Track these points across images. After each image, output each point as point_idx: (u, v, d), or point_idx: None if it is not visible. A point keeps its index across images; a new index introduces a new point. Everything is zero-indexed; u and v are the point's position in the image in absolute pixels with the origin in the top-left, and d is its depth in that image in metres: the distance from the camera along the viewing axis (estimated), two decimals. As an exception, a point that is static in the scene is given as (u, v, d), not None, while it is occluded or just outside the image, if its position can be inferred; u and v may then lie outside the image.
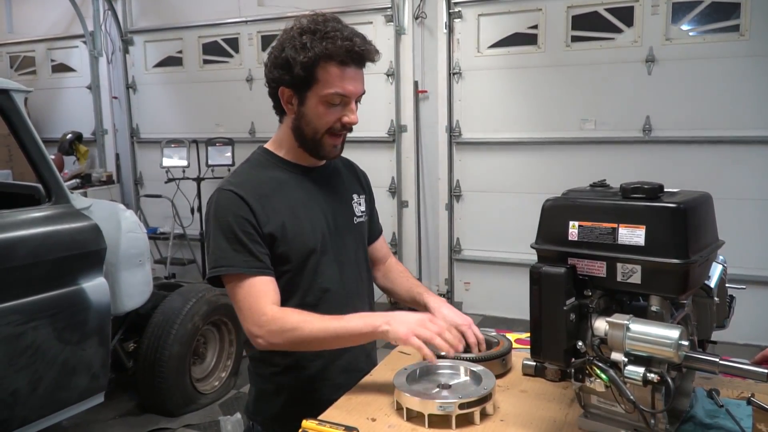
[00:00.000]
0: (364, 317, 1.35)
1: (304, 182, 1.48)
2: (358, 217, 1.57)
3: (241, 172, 1.46)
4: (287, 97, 1.40)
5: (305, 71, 1.33)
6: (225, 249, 1.35)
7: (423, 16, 5.02)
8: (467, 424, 1.21)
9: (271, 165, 1.47)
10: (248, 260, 1.35)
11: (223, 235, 1.35)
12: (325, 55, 1.32)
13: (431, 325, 1.28)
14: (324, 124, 1.39)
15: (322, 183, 1.51)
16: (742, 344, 3.73)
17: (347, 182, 1.59)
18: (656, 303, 1.08)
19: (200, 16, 5.89)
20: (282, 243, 1.39)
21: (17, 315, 2.41)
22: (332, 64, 1.34)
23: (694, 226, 1.05)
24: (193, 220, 5.51)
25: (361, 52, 1.35)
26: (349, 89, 1.36)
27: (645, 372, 1.03)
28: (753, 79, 4.14)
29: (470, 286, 5.21)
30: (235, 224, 1.35)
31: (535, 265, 1.12)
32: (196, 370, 3.51)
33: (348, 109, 1.39)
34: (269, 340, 1.33)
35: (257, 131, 5.76)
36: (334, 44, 1.32)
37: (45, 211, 2.64)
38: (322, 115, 1.38)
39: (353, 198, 1.58)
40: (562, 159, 4.70)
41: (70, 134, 6.02)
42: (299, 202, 1.44)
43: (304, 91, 1.37)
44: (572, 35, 4.61)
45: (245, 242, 1.35)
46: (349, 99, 1.38)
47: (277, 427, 1.48)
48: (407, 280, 1.67)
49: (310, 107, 1.38)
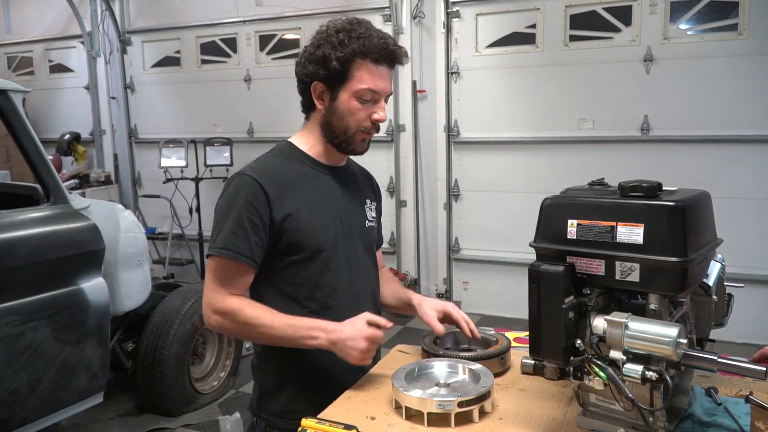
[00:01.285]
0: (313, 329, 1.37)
1: (323, 180, 1.50)
2: (370, 222, 1.60)
3: (264, 160, 1.49)
4: (319, 92, 1.44)
5: (341, 66, 1.38)
6: (226, 231, 1.38)
7: (421, 16, 5.02)
8: (466, 422, 1.21)
9: (294, 158, 1.50)
10: (242, 248, 1.37)
11: (229, 217, 1.39)
12: (361, 52, 1.38)
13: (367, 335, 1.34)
14: (355, 121, 1.43)
15: (340, 183, 1.53)
16: (741, 343, 3.74)
17: (362, 187, 1.63)
18: (655, 301, 1.08)
19: (198, 16, 5.89)
20: (295, 231, 1.42)
21: (16, 315, 2.41)
22: (367, 61, 1.40)
23: (693, 225, 1.05)
24: (192, 220, 5.51)
25: (393, 52, 1.42)
26: (380, 86, 1.42)
27: (644, 370, 1.03)
28: (751, 78, 4.15)
29: (469, 285, 5.22)
30: (244, 209, 1.38)
31: (533, 264, 1.12)
32: (195, 370, 3.51)
33: (378, 107, 1.44)
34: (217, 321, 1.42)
35: (255, 131, 5.76)
36: (371, 42, 1.39)
37: (43, 211, 2.64)
38: (354, 110, 1.42)
39: (366, 203, 1.61)
40: (560, 158, 4.71)
41: (68, 134, 6.01)
42: (316, 197, 1.47)
43: (338, 86, 1.42)
44: (570, 34, 4.61)
45: (247, 228, 1.37)
46: (380, 96, 1.43)
47: (281, 423, 1.48)
48: (394, 285, 1.73)
49: (343, 102, 1.42)
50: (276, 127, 5.27)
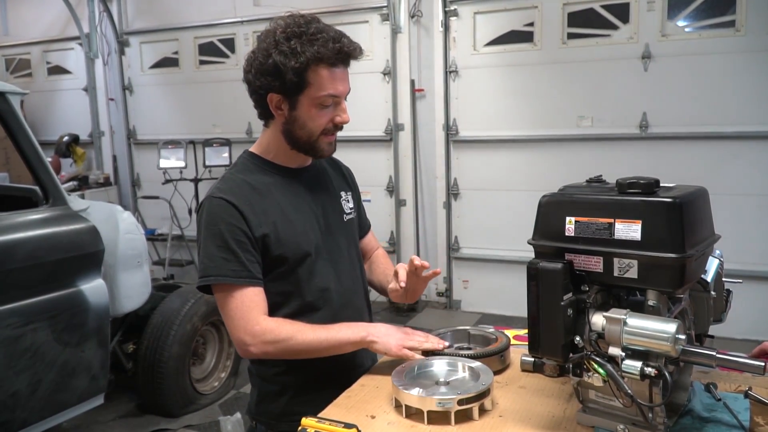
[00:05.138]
0: (353, 327, 1.42)
1: (292, 185, 1.48)
2: (348, 215, 1.58)
3: (230, 178, 1.45)
4: (276, 102, 1.39)
5: (297, 76, 1.33)
6: (215, 257, 1.35)
7: (419, 15, 5.02)
8: (466, 420, 1.21)
9: (259, 169, 1.47)
10: (237, 270, 1.35)
11: (214, 243, 1.36)
12: (316, 59, 1.33)
13: (416, 336, 1.42)
14: (318, 126, 1.39)
15: (310, 184, 1.51)
16: (741, 339, 3.74)
17: (334, 181, 1.60)
18: (653, 297, 1.08)
19: (196, 16, 5.89)
20: (276, 246, 1.40)
21: (16, 317, 2.41)
22: (323, 67, 1.34)
23: (690, 221, 1.05)
24: (191, 221, 5.50)
25: (349, 52, 1.37)
26: (339, 89, 1.38)
27: (642, 366, 1.03)
28: (749, 74, 4.15)
29: (469, 284, 5.22)
30: (227, 232, 1.35)
31: (532, 261, 1.12)
32: (195, 371, 3.51)
33: (339, 109, 1.41)
34: (262, 350, 1.36)
35: (254, 131, 5.75)
36: (325, 47, 1.33)
37: (42, 213, 2.64)
38: (315, 117, 1.38)
39: (341, 196, 1.59)
40: (559, 156, 4.71)
41: (67, 136, 6.02)
42: (290, 204, 1.45)
43: (296, 96, 1.37)
44: (568, 32, 4.61)
45: (236, 251, 1.35)
46: (340, 99, 1.40)
47: (281, 425, 1.48)
48: (385, 267, 1.68)
49: (303, 111, 1.38)
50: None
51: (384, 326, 1.44)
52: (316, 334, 1.36)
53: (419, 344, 1.41)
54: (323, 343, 1.37)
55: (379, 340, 1.39)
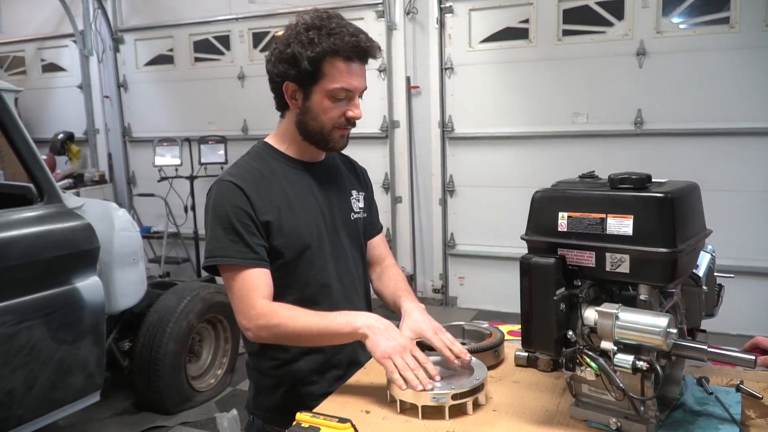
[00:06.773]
0: (348, 316, 1.36)
1: (303, 177, 1.49)
2: (356, 213, 1.58)
3: (241, 164, 1.47)
4: (292, 91, 1.42)
5: (312, 65, 1.36)
6: (221, 239, 1.37)
7: (414, 12, 5.02)
8: (460, 414, 1.22)
9: (272, 159, 1.49)
10: (243, 251, 1.37)
11: (221, 225, 1.38)
12: (332, 51, 1.35)
13: (409, 358, 1.26)
14: (329, 119, 1.41)
15: (321, 179, 1.52)
16: (735, 335, 3.75)
17: (347, 179, 1.61)
18: (645, 292, 1.09)
19: (191, 13, 5.86)
20: (278, 234, 1.41)
21: (11, 315, 2.41)
22: (338, 60, 1.37)
23: (682, 216, 1.06)
24: (187, 219, 5.51)
25: (366, 48, 1.39)
26: (354, 84, 1.40)
27: (634, 360, 1.04)
28: (743, 71, 4.16)
29: (464, 280, 5.23)
30: (233, 215, 1.37)
31: (525, 256, 1.13)
32: (191, 368, 3.52)
33: (352, 104, 1.42)
34: (256, 334, 1.37)
35: (250, 129, 5.75)
36: (342, 40, 1.35)
37: (37, 210, 2.64)
38: (327, 109, 1.40)
39: (352, 194, 1.59)
40: (554, 153, 4.72)
41: (62, 134, 6.00)
42: (297, 196, 1.46)
43: (310, 86, 1.39)
44: (563, 29, 4.62)
45: (242, 233, 1.37)
46: (354, 94, 1.41)
47: (278, 419, 1.48)
48: (395, 284, 1.61)
49: (316, 102, 1.40)
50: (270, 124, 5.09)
51: (390, 326, 1.32)
52: (309, 321, 1.34)
53: (402, 368, 1.24)
54: (314, 331, 1.33)
55: (373, 337, 1.28)
